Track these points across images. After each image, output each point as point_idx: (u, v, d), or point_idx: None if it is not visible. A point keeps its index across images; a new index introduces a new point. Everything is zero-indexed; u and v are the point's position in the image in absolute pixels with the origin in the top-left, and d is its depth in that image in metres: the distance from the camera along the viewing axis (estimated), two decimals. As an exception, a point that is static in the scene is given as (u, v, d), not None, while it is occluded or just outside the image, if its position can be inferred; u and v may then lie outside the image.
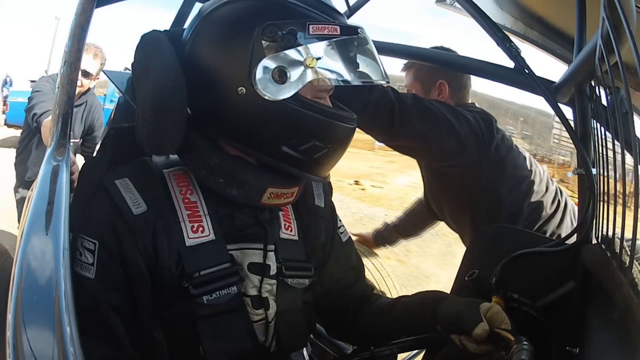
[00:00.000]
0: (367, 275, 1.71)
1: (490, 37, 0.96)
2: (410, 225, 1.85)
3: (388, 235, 1.88)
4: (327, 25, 0.64)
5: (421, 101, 1.21)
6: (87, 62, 2.12)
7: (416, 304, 0.82)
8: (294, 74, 0.62)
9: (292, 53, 0.62)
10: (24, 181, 2.31)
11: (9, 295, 0.48)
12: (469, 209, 1.33)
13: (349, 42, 0.66)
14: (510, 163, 1.30)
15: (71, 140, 2.33)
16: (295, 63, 0.62)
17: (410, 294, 0.88)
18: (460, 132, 1.19)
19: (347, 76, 0.65)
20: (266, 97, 0.62)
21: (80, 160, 2.17)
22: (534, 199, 1.30)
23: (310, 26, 0.63)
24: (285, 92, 0.62)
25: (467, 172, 1.27)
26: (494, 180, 1.27)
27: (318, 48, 0.63)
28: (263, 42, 0.62)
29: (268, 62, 0.62)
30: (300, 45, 0.62)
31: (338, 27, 0.64)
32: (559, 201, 1.33)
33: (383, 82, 0.70)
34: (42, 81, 2.25)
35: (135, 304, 0.64)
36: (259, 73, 0.62)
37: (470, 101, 1.42)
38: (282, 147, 0.66)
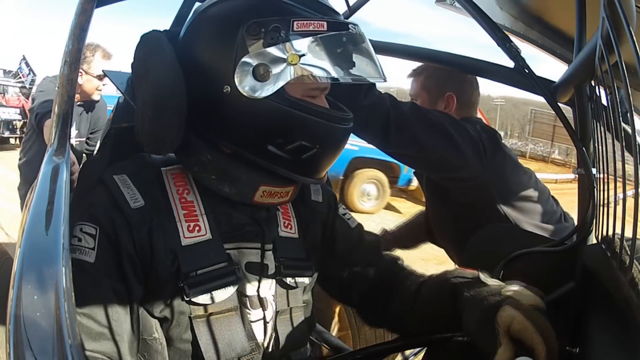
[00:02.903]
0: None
1: (490, 37, 0.96)
2: (409, 237, 1.80)
3: (385, 243, 1.83)
4: (312, 22, 0.63)
5: (420, 110, 1.18)
6: (102, 65, 2.12)
7: (436, 301, 0.75)
8: (275, 71, 0.61)
9: (273, 50, 0.62)
10: (28, 181, 2.31)
11: (8, 295, 0.48)
12: (470, 224, 1.30)
13: (337, 39, 0.64)
14: (514, 181, 1.26)
15: (77, 139, 2.33)
16: (277, 60, 0.62)
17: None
18: (459, 144, 1.16)
19: (334, 73, 0.63)
20: (247, 95, 0.62)
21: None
22: (538, 220, 1.26)
23: (295, 22, 0.62)
24: (266, 90, 0.62)
25: (468, 186, 1.24)
26: (495, 196, 1.23)
27: (302, 45, 0.62)
28: (247, 40, 0.62)
29: (249, 60, 0.62)
30: (283, 42, 0.61)
31: (325, 23, 0.63)
32: (563, 224, 1.30)
33: (378, 80, 0.68)
34: (45, 81, 2.24)
35: (130, 291, 0.64)
36: (239, 71, 0.62)
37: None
38: (268, 147, 0.65)
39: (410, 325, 0.80)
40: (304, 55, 0.62)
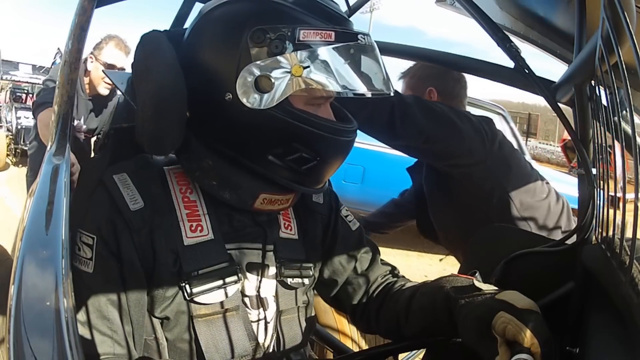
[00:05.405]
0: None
1: (490, 37, 0.96)
2: (382, 224, 1.84)
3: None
4: (320, 31, 0.61)
5: (423, 101, 1.22)
6: (116, 54, 2.08)
7: (430, 308, 0.74)
8: (278, 82, 0.60)
9: (277, 60, 0.60)
10: (34, 170, 2.29)
11: (9, 295, 0.48)
12: (478, 211, 1.31)
13: (345, 50, 0.62)
14: (514, 162, 1.31)
15: (82, 134, 2.25)
16: (281, 71, 0.60)
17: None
18: (463, 130, 1.20)
19: (338, 88, 0.61)
20: (248, 106, 0.61)
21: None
22: (541, 196, 1.31)
23: (301, 31, 0.60)
24: (268, 102, 0.60)
25: (474, 172, 1.27)
26: (500, 179, 1.27)
27: (308, 55, 0.60)
28: (251, 47, 0.60)
29: (252, 69, 0.60)
30: (289, 51, 0.60)
31: (333, 33, 0.61)
32: (562, 200, 1.35)
33: (384, 95, 0.66)
34: (57, 68, 2.21)
35: (128, 299, 0.64)
36: (241, 80, 0.60)
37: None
38: (268, 156, 0.64)
39: (405, 332, 0.80)
40: (308, 67, 0.60)
